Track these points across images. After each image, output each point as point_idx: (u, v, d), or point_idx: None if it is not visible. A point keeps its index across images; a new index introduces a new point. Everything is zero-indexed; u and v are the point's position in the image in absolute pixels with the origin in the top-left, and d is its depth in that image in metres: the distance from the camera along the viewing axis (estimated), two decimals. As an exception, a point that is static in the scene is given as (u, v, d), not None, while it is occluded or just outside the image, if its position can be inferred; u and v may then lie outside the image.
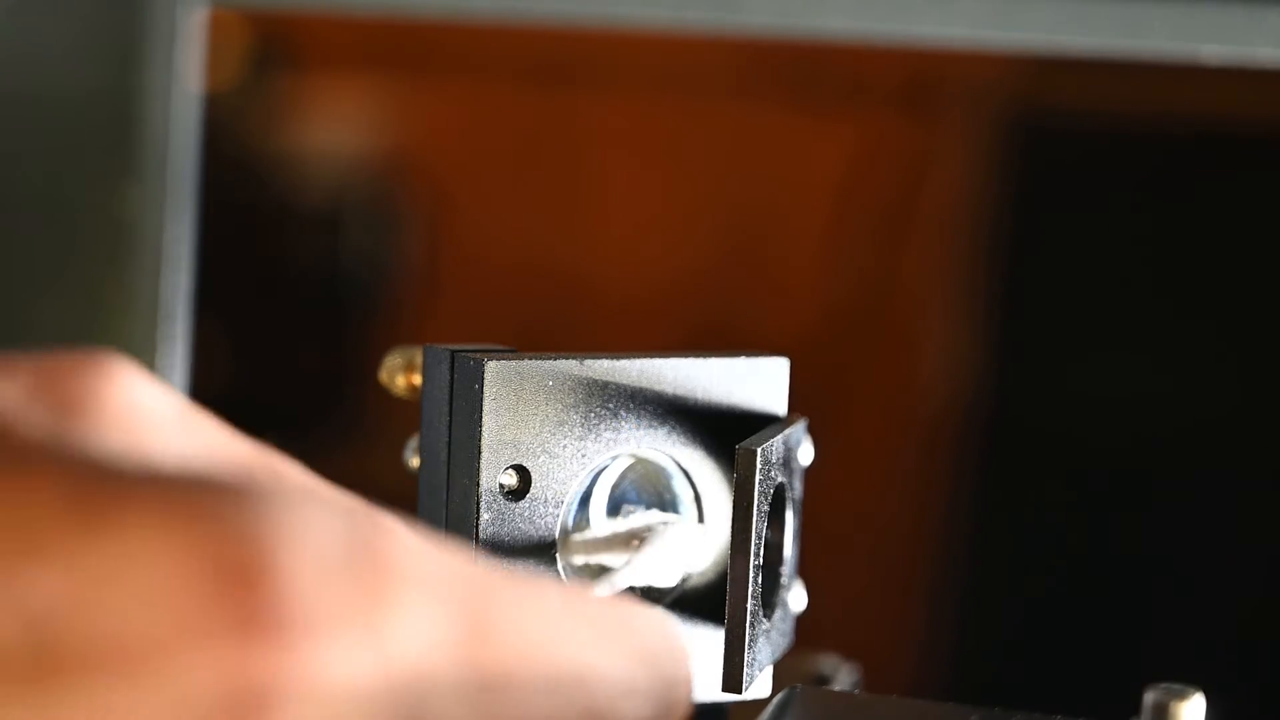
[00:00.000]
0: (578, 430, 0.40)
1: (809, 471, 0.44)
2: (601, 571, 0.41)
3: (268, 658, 0.22)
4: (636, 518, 0.41)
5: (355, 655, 0.23)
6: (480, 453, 0.39)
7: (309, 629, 0.22)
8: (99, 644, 0.22)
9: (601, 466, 0.41)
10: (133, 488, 0.23)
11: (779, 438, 0.40)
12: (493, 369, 0.39)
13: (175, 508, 0.22)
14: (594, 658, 0.27)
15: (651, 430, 0.41)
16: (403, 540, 0.24)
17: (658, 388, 0.41)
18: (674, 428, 0.41)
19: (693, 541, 0.41)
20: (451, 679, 0.24)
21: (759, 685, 0.41)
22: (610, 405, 0.41)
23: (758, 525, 0.39)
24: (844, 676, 0.48)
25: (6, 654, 0.21)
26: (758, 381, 0.42)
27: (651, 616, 0.30)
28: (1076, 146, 0.94)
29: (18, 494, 0.22)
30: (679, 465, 0.42)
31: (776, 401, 0.42)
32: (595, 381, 0.40)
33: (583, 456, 0.40)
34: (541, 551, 0.40)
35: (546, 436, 0.40)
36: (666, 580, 0.41)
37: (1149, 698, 0.36)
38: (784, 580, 0.42)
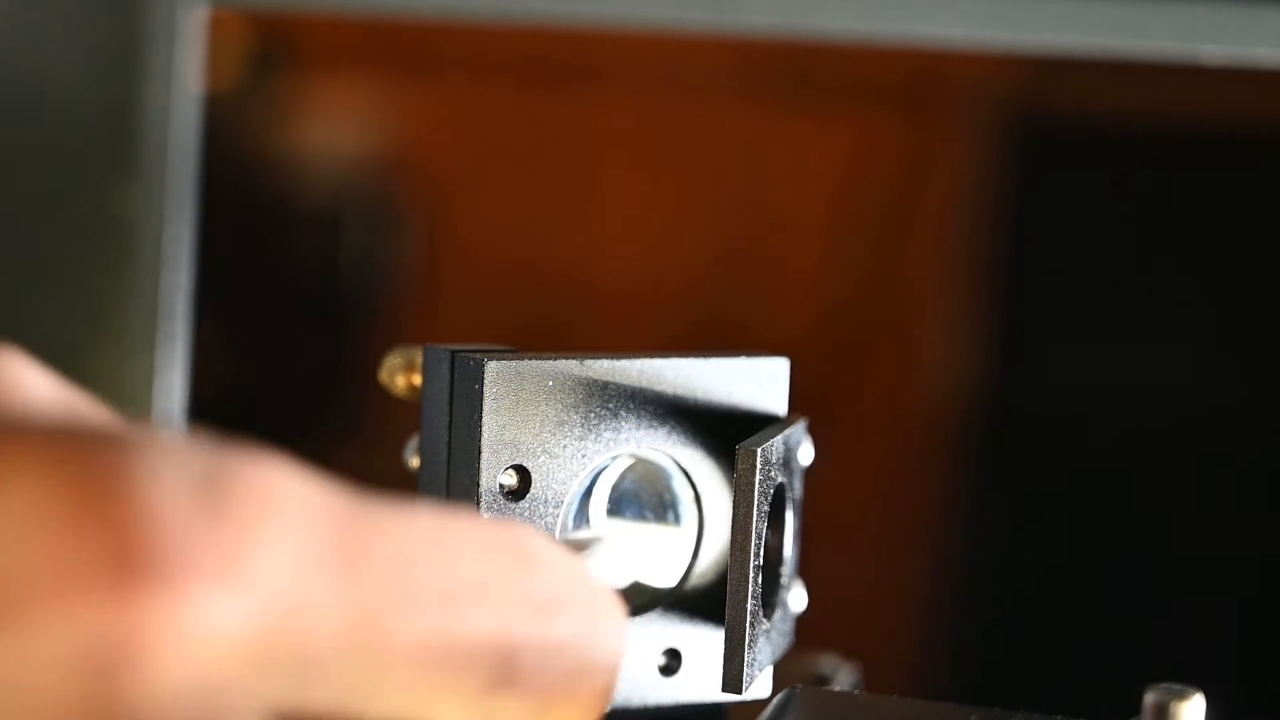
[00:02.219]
0: (578, 430, 0.40)
1: (809, 471, 0.44)
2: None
3: (136, 604, 0.22)
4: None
5: (227, 600, 0.22)
6: (480, 453, 0.39)
7: (177, 572, 0.22)
8: None
9: (601, 466, 0.41)
10: None
11: (779, 438, 0.40)
12: (493, 369, 0.39)
13: (37, 452, 0.22)
14: (484, 581, 0.26)
15: (651, 430, 0.41)
16: (264, 471, 0.24)
17: (658, 388, 0.41)
18: (674, 428, 0.41)
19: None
20: (329, 611, 0.24)
21: (759, 685, 0.41)
22: (610, 405, 0.40)
23: (758, 525, 0.39)
24: (844, 676, 0.48)
25: None
26: (758, 381, 0.42)
27: (567, 558, 0.28)
28: (1076, 146, 0.94)
29: None
30: (679, 465, 0.42)
31: (776, 401, 0.42)
32: (595, 381, 0.40)
33: (583, 456, 0.40)
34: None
35: (546, 436, 0.40)
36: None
37: (1149, 698, 0.36)
38: (784, 580, 0.42)
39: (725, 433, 0.41)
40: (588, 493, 0.41)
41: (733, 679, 0.39)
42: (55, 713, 0.21)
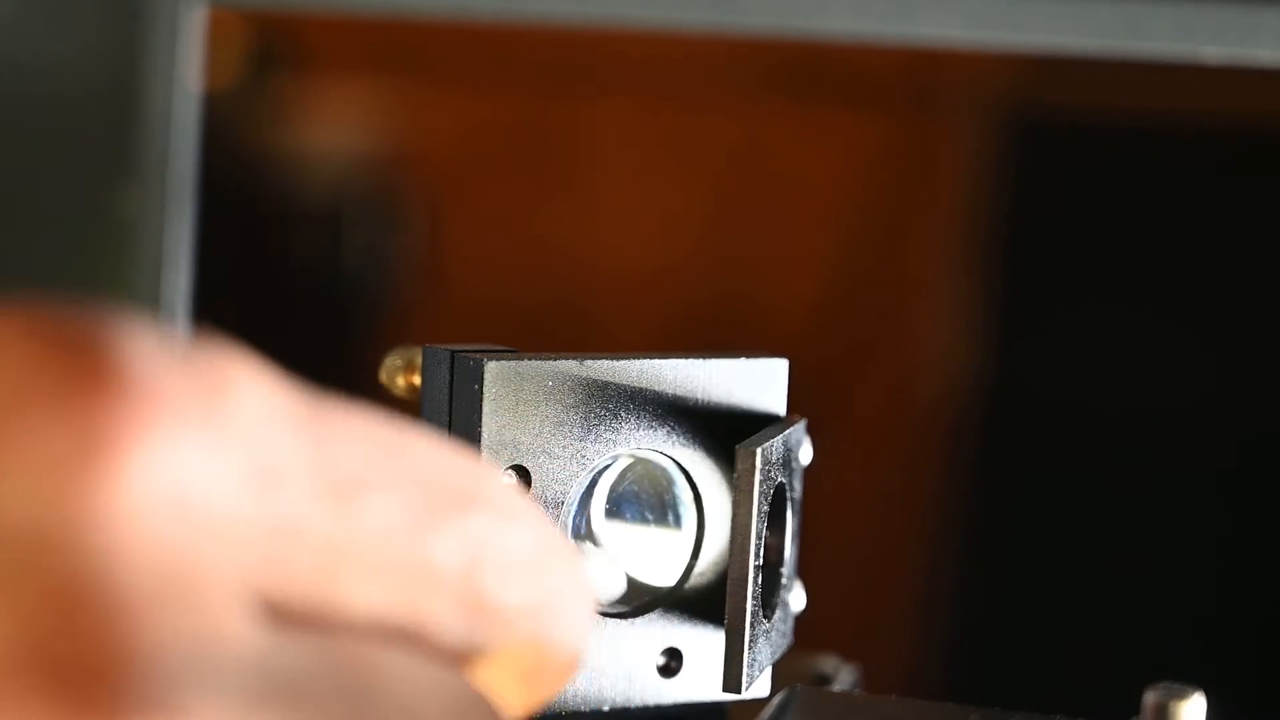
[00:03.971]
0: (578, 430, 0.40)
1: (809, 471, 0.44)
2: None
3: (112, 416, 0.21)
4: None
5: (201, 441, 0.22)
6: (480, 453, 0.39)
7: (148, 402, 0.22)
8: None
9: (602, 467, 0.41)
10: None
11: (779, 438, 0.40)
12: (493, 369, 0.39)
13: (14, 305, 0.22)
14: (447, 474, 0.26)
15: (651, 430, 0.41)
16: (232, 352, 0.24)
17: (658, 388, 0.41)
18: (674, 428, 0.41)
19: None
20: (301, 475, 0.23)
21: (759, 685, 0.41)
22: (610, 405, 0.41)
23: (758, 525, 0.39)
24: (844, 676, 0.48)
25: None
26: (757, 382, 0.42)
27: (534, 509, 0.28)
28: (1076, 145, 0.94)
29: None
30: (679, 465, 0.42)
31: (776, 402, 0.42)
32: (595, 382, 0.40)
33: (583, 457, 0.40)
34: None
35: (546, 437, 0.40)
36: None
37: (1149, 698, 0.36)
38: (784, 580, 0.42)
39: (725, 433, 0.41)
40: (588, 493, 0.41)
41: (733, 679, 0.39)
42: (18, 538, 0.21)
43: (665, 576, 0.42)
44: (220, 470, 0.22)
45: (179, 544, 0.22)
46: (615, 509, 0.42)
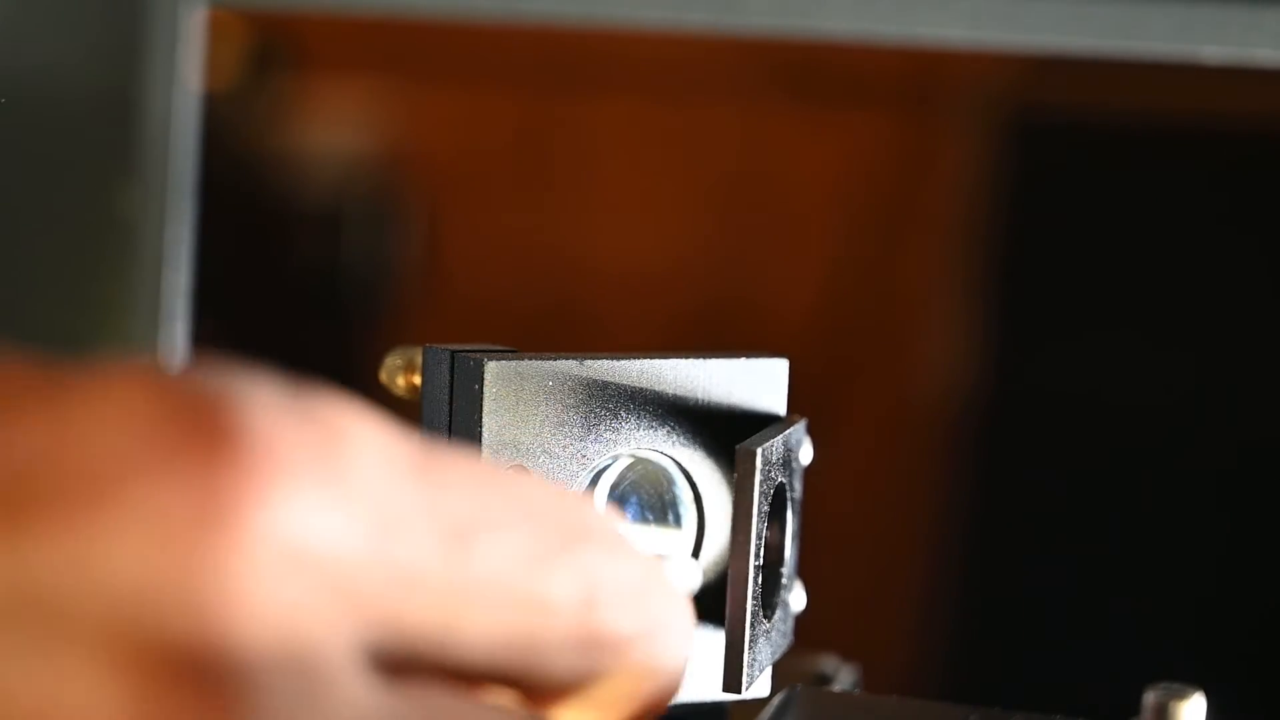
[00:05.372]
0: (578, 430, 0.40)
1: (809, 471, 0.44)
2: None
3: (232, 478, 0.21)
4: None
5: (319, 498, 0.22)
6: (480, 453, 0.39)
7: (267, 457, 0.22)
8: (69, 481, 0.21)
9: (602, 467, 0.41)
10: (96, 366, 0.23)
11: (779, 438, 0.40)
12: (493, 369, 0.39)
13: (133, 370, 0.22)
14: (557, 512, 0.26)
15: (651, 430, 0.41)
16: (341, 402, 0.24)
17: (658, 388, 0.41)
18: (674, 428, 0.41)
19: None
20: (419, 524, 0.24)
21: (759, 685, 0.41)
22: (610, 405, 0.41)
23: (758, 525, 0.39)
24: (844, 676, 0.48)
25: None
26: (757, 382, 0.42)
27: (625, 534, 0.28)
28: (1075, 146, 0.94)
29: None
30: (679, 465, 0.42)
31: (776, 401, 0.42)
32: (595, 382, 0.40)
33: (583, 457, 0.40)
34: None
35: (546, 436, 0.40)
36: None
37: (1149, 698, 0.36)
38: (784, 580, 0.42)
39: (725, 433, 0.41)
40: (588, 493, 0.41)
41: (733, 679, 0.39)
42: (132, 601, 0.21)
43: (665, 576, 0.42)
44: (340, 525, 0.23)
45: (297, 604, 0.22)
46: (615, 509, 0.42)
